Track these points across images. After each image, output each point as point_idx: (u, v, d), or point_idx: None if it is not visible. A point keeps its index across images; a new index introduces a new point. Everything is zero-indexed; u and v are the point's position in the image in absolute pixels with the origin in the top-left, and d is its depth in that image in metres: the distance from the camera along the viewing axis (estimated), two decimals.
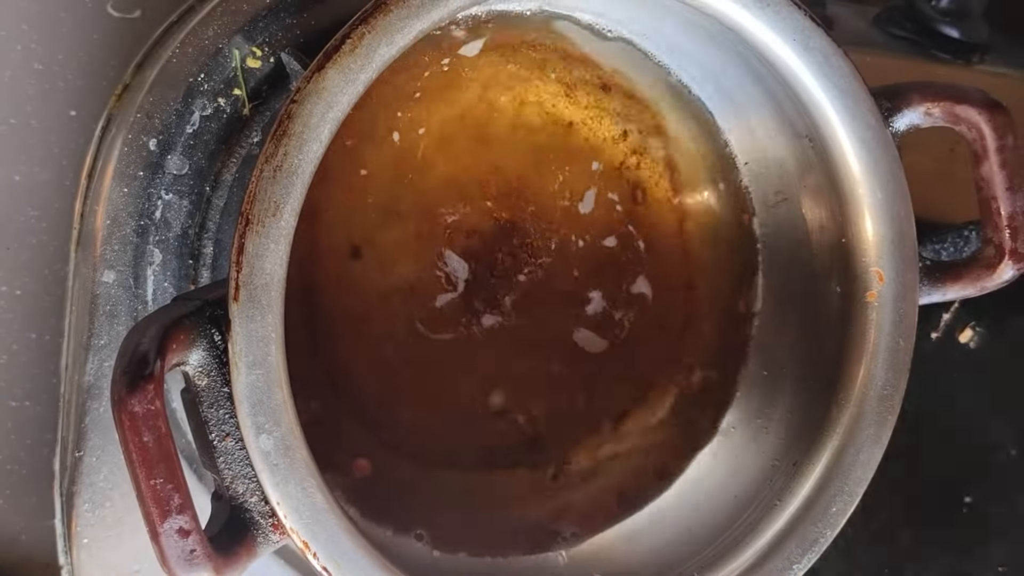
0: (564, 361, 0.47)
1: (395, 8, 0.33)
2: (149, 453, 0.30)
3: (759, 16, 0.37)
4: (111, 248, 0.42)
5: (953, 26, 0.62)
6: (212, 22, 0.43)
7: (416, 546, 0.42)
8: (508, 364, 0.46)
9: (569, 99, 0.46)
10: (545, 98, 0.45)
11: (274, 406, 0.32)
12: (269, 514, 0.33)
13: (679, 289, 0.48)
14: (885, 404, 0.40)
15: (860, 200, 0.40)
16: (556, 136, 0.46)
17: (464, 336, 0.45)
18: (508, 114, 0.45)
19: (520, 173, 0.45)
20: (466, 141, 0.44)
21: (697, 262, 0.48)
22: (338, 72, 0.32)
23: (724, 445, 0.46)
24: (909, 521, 0.64)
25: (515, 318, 0.46)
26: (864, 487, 0.40)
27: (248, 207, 0.31)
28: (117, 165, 0.42)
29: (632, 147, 0.47)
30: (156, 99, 0.42)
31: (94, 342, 0.42)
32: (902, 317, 0.40)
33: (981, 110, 0.41)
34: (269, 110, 0.44)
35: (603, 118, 0.46)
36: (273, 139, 0.32)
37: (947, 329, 0.63)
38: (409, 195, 0.44)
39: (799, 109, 0.40)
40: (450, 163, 0.44)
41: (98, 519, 0.42)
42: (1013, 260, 0.41)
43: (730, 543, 0.40)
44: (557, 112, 0.46)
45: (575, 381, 0.47)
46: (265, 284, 0.31)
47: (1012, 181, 0.41)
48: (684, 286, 0.48)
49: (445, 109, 0.44)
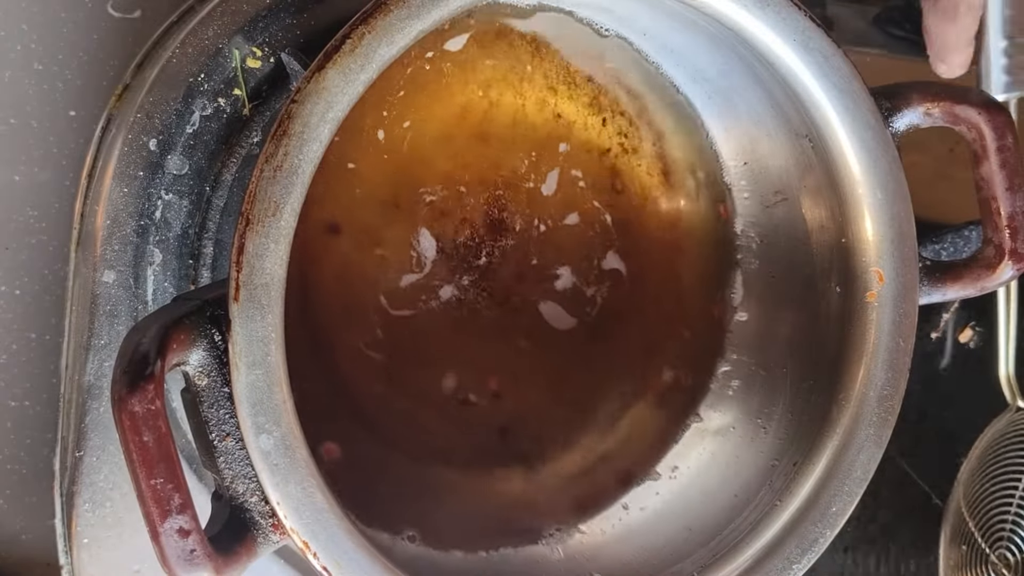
0: (553, 352, 0.47)
1: (395, 8, 0.33)
2: (149, 453, 0.30)
3: (759, 16, 0.37)
4: (111, 248, 0.42)
5: None
6: (212, 22, 0.43)
7: (409, 546, 0.42)
8: (497, 355, 0.46)
9: (558, 93, 0.46)
10: (536, 93, 0.45)
11: (274, 406, 0.32)
12: (269, 514, 0.33)
13: (658, 284, 0.48)
14: (885, 404, 0.40)
15: (860, 200, 0.40)
16: (545, 129, 0.46)
17: (448, 324, 0.45)
18: (498, 107, 0.45)
19: (510, 166, 0.45)
20: (454, 135, 0.45)
21: (676, 257, 0.48)
22: (338, 72, 0.32)
23: (724, 445, 0.46)
24: (909, 521, 0.64)
25: (497, 307, 0.46)
26: (864, 487, 0.40)
27: (248, 207, 0.31)
28: (117, 165, 0.42)
29: (621, 143, 0.47)
30: (156, 99, 0.42)
31: (94, 342, 0.42)
32: (902, 317, 0.40)
33: (981, 110, 0.41)
34: (269, 110, 0.44)
35: (593, 114, 0.46)
36: (273, 139, 0.32)
37: (947, 329, 0.63)
38: (394, 186, 0.44)
39: (799, 109, 0.40)
40: (439, 157, 0.44)
41: (98, 519, 0.42)
42: (1013, 260, 0.41)
43: (729, 543, 0.40)
44: (548, 107, 0.46)
45: (565, 375, 0.47)
46: (265, 284, 0.31)
47: (1012, 181, 0.41)
48: (663, 280, 0.48)
49: (430, 102, 0.44)
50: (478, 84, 0.45)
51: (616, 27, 0.44)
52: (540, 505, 0.45)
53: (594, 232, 0.47)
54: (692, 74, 0.45)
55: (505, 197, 0.46)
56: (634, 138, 0.47)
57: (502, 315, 0.46)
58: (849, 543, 0.63)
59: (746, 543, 0.40)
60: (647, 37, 0.44)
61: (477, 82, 0.45)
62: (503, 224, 0.46)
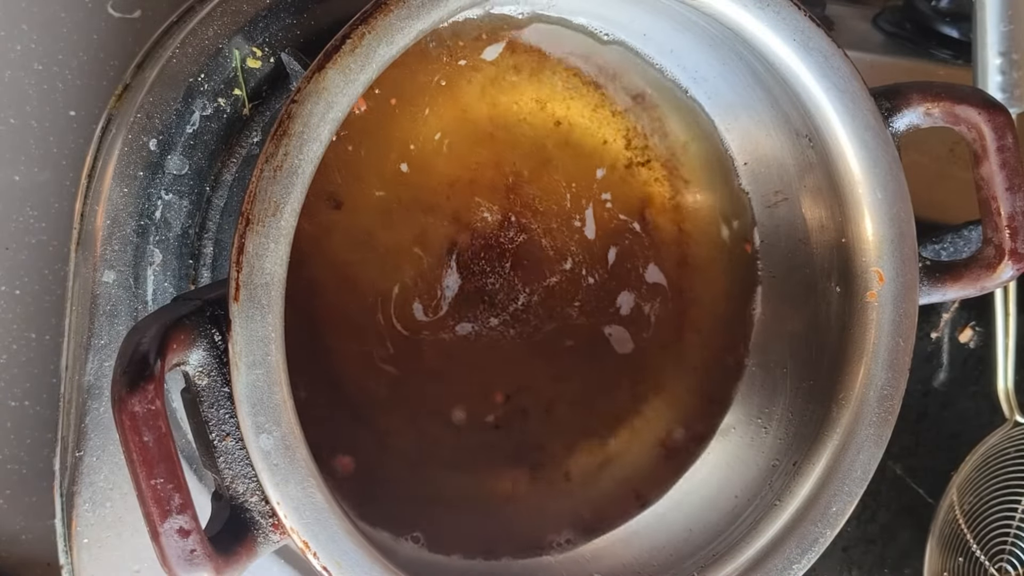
0: (564, 363, 0.47)
1: (395, 8, 0.33)
2: (149, 453, 0.30)
3: (759, 16, 0.37)
4: (111, 248, 0.42)
5: (953, 26, 0.62)
6: (212, 22, 0.43)
7: (411, 547, 0.42)
8: (508, 365, 0.46)
9: (563, 101, 0.46)
10: (542, 100, 0.45)
11: (274, 406, 0.32)
12: (269, 514, 0.33)
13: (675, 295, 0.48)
14: (885, 404, 0.40)
15: (860, 200, 0.40)
16: (553, 137, 0.46)
17: (462, 337, 0.45)
18: (509, 114, 0.45)
19: (517, 171, 0.45)
20: (466, 141, 0.44)
21: (694, 268, 0.48)
22: (338, 72, 0.32)
23: (724, 445, 0.46)
24: (909, 521, 0.64)
25: (513, 319, 0.46)
26: (864, 487, 0.40)
27: (248, 207, 0.31)
28: (117, 165, 0.42)
29: (630, 149, 0.47)
30: (156, 99, 0.42)
31: (94, 342, 0.42)
32: (902, 317, 0.40)
33: (981, 110, 0.41)
34: (269, 110, 0.44)
35: (600, 121, 0.46)
36: (273, 139, 0.32)
37: (947, 329, 0.63)
38: (410, 193, 0.44)
39: (799, 109, 0.40)
40: (451, 163, 0.44)
41: (98, 519, 0.42)
42: (1013, 260, 0.41)
43: (730, 543, 0.40)
44: (553, 113, 0.46)
45: (577, 384, 0.47)
46: (265, 284, 0.31)
47: (1012, 181, 0.41)
48: (680, 291, 0.48)
49: (448, 109, 0.44)
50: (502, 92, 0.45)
51: (615, 32, 0.44)
52: (554, 514, 0.45)
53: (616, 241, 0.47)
54: (692, 75, 0.45)
55: (512, 201, 0.45)
56: (647, 146, 0.47)
57: (511, 325, 0.46)
58: (849, 543, 0.63)
59: (746, 543, 0.40)
60: (647, 40, 0.44)
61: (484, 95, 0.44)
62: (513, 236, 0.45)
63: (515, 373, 0.46)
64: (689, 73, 0.45)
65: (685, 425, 0.47)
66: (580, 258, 0.46)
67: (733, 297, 0.47)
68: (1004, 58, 0.47)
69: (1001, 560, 0.59)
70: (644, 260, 0.47)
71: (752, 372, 0.46)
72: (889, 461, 0.63)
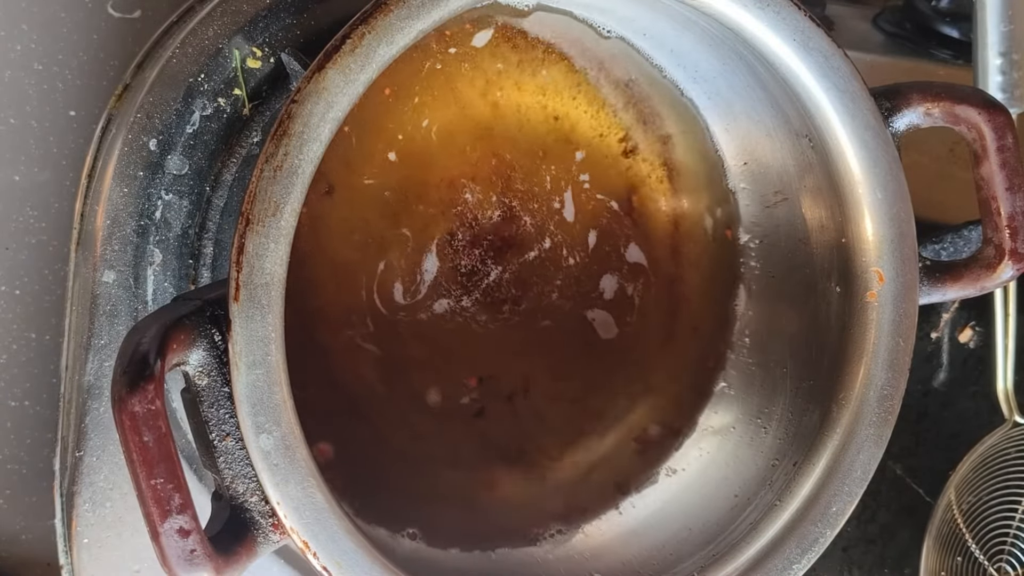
0: (560, 354, 0.47)
1: (395, 8, 0.33)
2: (149, 453, 0.30)
3: (759, 16, 0.37)
4: (111, 248, 0.42)
5: (953, 26, 0.62)
6: (212, 22, 0.43)
7: (409, 544, 0.42)
8: (500, 354, 0.46)
9: (560, 95, 0.46)
10: (538, 93, 0.45)
11: (274, 406, 0.32)
12: (269, 514, 0.33)
13: (665, 287, 0.48)
14: (885, 404, 0.40)
15: (860, 200, 0.40)
16: (548, 130, 0.46)
17: (456, 325, 0.45)
18: (503, 107, 0.45)
19: (512, 163, 0.45)
20: (462, 134, 0.45)
21: (684, 264, 0.48)
22: (338, 72, 0.32)
23: (724, 445, 0.46)
24: (909, 521, 0.64)
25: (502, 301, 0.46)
26: (864, 487, 0.40)
27: (248, 207, 0.31)
28: (117, 165, 0.42)
29: (627, 145, 0.47)
30: (156, 99, 0.42)
31: (94, 342, 0.42)
32: (902, 317, 0.40)
33: (981, 110, 0.41)
34: (269, 110, 0.44)
35: (597, 115, 0.46)
36: (273, 139, 0.32)
37: (947, 329, 0.63)
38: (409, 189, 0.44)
39: (799, 109, 0.40)
40: (448, 155, 0.44)
41: (98, 519, 0.42)
42: (1013, 260, 0.41)
43: (730, 543, 0.40)
44: (550, 107, 0.46)
45: (570, 376, 0.47)
46: (265, 284, 0.31)
47: (1012, 181, 0.41)
48: (671, 282, 0.48)
49: (442, 103, 0.44)
50: (481, 87, 0.45)
51: (617, 28, 0.44)
52: (540, 506, 0.45)
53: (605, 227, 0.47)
54: (692, 74, 0.45)
55: (508, 196, 0.46)
56: (639, 141, 0.47)
57: (500, 317, 0.46)
58: (849, 543, 0.63)
59: (746, 543, 0.40)
60: (647, 37, 0.44)
61: (481, 84, 0.45)
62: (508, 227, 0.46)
63: (499, 357, 0.46)
64: (689, 72, 0.45)
65: (664, 418, 0.47)
66: (560, 238, 0.46)
67: (716, 287, 0.48)
68: (1004, 58, 0.47)
69: (1000, 560, 0.59)
70: (625, 241, 0.47)
71: (752, 372, 0.46)
72: (889, 461, 0.63)
